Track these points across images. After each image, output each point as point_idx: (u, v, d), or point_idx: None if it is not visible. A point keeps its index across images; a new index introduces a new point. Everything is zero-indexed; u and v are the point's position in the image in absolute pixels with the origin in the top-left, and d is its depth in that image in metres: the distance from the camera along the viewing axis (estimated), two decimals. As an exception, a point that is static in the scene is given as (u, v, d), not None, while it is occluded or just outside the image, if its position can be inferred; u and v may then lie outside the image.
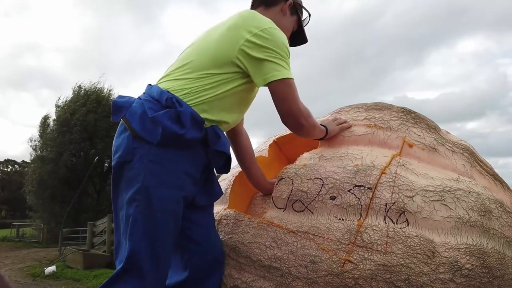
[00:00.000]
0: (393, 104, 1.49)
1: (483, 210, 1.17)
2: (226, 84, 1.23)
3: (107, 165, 16.46)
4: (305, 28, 1.52)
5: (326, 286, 1.11)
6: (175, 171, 1.17)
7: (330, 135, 1.42)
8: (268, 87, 1.23)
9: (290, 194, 1.29)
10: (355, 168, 1.25)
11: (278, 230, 1.22)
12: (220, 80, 1.23)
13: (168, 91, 1.21)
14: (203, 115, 1.20)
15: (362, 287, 1.07)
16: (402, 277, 1.06)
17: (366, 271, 1.07)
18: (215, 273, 1.30)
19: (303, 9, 1.50)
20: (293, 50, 1.47)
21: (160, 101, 1.20)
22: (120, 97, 1.28)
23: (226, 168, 1.33)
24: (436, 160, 1.35)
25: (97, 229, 8.70)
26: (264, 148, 1.67)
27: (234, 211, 1.40)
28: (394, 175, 1.21)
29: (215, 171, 1.34)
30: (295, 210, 1.27)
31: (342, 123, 1.45)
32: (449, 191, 1.18)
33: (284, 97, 1.22)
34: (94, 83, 16.77)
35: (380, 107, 1.48)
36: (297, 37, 1.52)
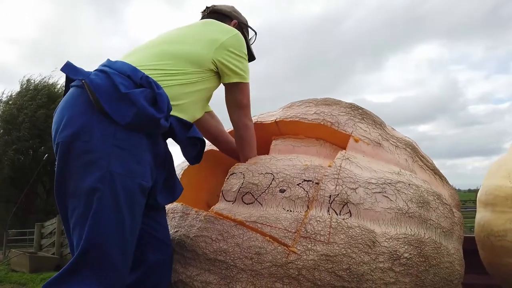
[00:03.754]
0: (341, 100, 1.52)
1: (422, 201, 1.22)
2: (196, 81, 1.24)
3: (58, 163, 15.68)
4: (254, 46, 1.58)
5: (271, 278, 1.11)
6: (143, 160, 1.06)
7: None
8: (233, 85, 1.31)
9: (240, 187, 1.28)
10: (305, 167, 1.28)
11: (225, 223, 1.21)
12: (192, 78, 1.22)
13: (141, 70, 1.12)
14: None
15: (305, 277, 1.08)
16: (344, 266, 1.08)
17: (309, 261, 1.08)
18: (169, 272, 1.24)
19: (248, 28, 1.57)
20: (259, 50, 1.59)
21: (132, 78, 1.08)
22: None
23: (199, 157, 1.27)
24: (380, 155, 1.39)
25: (45, 231, 8.28)
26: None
27: (182, 204, 1.37)
28: (339, 168, 1.23)
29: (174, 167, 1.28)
30: (244, 202, 1.26)
31: None
32: (390, 183, 1.21)
33: (246, 94, 1.34)
34: (45, 77, 15.95)
35: (329, 102, 1.51)
36: None
